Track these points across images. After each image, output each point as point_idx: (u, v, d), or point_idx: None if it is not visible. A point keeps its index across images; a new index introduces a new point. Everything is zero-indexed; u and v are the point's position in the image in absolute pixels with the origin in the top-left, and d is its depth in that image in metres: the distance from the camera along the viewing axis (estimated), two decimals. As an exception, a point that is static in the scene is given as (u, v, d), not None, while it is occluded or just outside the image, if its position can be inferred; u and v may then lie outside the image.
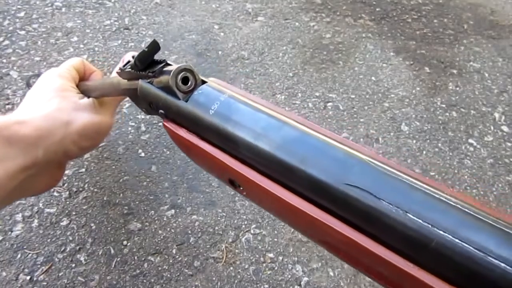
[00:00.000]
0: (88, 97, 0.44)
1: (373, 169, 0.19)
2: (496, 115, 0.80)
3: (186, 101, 0.26)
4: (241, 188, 0.26)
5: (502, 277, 0.14)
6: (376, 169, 0.19)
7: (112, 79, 0.39)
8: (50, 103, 0.40)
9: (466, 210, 0.17)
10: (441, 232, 0.16)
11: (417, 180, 0.19)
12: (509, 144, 0.75)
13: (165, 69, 0.29)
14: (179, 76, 0.27)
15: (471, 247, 0.15)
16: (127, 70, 0.32)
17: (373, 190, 0.18)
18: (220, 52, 0.82)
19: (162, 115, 0.29)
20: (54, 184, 0.46)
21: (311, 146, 0.21)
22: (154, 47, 0.30)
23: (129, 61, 0.32)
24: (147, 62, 0.30)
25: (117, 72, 0.35)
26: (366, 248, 0.18)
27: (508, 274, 0.14)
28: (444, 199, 0.17)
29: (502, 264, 0.14)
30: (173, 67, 0.28)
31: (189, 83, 0.28)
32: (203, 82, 0.29)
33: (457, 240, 0.15)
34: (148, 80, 0.30)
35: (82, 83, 0.46)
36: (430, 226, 0.16)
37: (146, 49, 0.29)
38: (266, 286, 0.49)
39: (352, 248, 0.19)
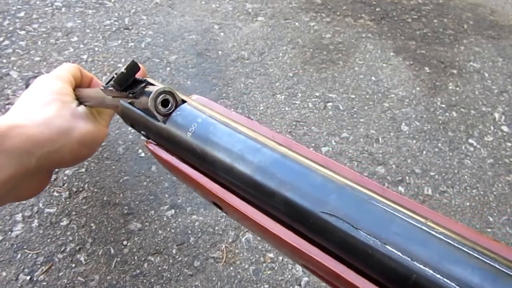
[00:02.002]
0: (84, 105, 0.42)
1: (353, 196, 0.18)
2: (496, 115, 0.80)
3: (164, 123, 0.26)
4: (224, 211, 0.26)
5: None
6: (355, 196, 0.18)
7: (100, 93, 0.39)
8: (49, 108, 0.37)
9: (450, 241, 0.16)
10: (421, 266, 0.15)
11: (400, 207, 0.18)
12: (509, 144, 0.75)
13: (146, 89, 0.28)
14: (159, 99, 0.26)
15: (453, 284, 0.14)
16: (109, 88, 0.31)
17: (350, 219, 0.17)
18: (220, 52, 0.82)
19: (144, 136, 0.29)
20: (41, 190, 0.43)
21: (289, 170, 0.20)
22: (133, 68, 0.28)
23: (113, 77, 0.32)
24: (127, 84, 0.29)
25: (100, 89, 0.34)
26: (345, 279, 0.17)
27: None
28: (427, 228, 0.16)
29: None
30: (154, 88, 0.27)
31: (169, 105, 0.26)
32: (184, 101, 0.27)
33: (438, 276, 0.15)
34: (129, 101, 0.29)
35: (77, 90, 0.45)
36: (409, 259, 0.15)
37: (125, 71, 0.28)
38: (266, 286, 0.49)
39: (332, 277, 0.18)
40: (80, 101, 0.43)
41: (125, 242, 0.51)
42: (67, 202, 0.54)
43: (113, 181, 0.57)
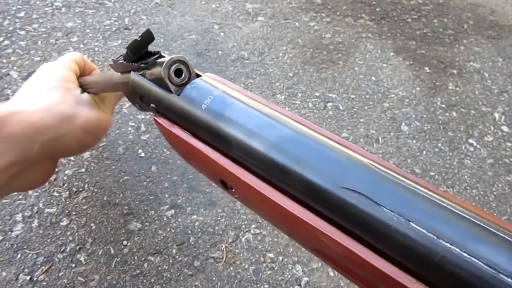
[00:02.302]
0: (87, 92, 0.42)
1: (374, 172, 0.18)
2: (496, 115, 0.80)
3: (178, 95, 0.25)
4: (233, 190, 0.25)
5: None
6: (377, 173, 0.18)
7: (107, 74, 0.38)
8: (52, 94, 0.36)
9: (475, 220, 0.15)
10: (447, 244, 0.14)
11: (421, 187, 0.17)
12: (509, 144, 0.75)
13: (158, 60, 0.27)
14: (172, 68, 0.25)
15: (480, 263, 0.14)
16: (119, 61, 0.30)
17: (373, 195, 0.17)
18: (220, 52, 0.82)
19: (153, 110, 0.28)
20: (46, 180, 0.42)
21: (307, 146, 0.20)
22: (147, 36, 0.27)
23: (119, 56, 0.31)
24: (140, 53, 0.28)
25: (109, 65, 0.34)
26: (364, 260, 0.16)
27: None
28: (451, 208, 0.16)
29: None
30: (165, 58, 0.26)
31: (183, 75, 0.26)
32: (198, 75, 0.27)
33: (465, 255, 0.14)
34: (140, 72, 0.28)
35: (80, 78, 0.45)
36: (435, 237, 0.15)
37: (139, 38, 0.27)
38: (266, 286, 0.49)
39: (348, 258, 0.17)
40: (83, 88, 0.42)
41: (125, 242, 0.51)
42: (67, 202, 0.54)
43: (113, 181, 0.57)
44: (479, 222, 0.15)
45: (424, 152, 0.70)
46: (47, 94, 0.36)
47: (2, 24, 0.79)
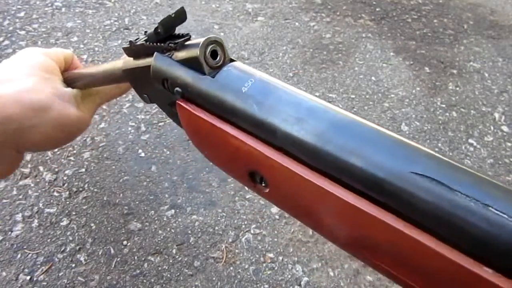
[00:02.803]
0: (72, 87, 0.38)
1: (441, 159, 0.16)
2: (496, 115, 0.80)
3: (213, 77, 0.23)
4: (263, 185, 0.23)
5: None
6: (444, 160, 0.16)
7: (105, 65, 0.36)
8: (28, 80, 0.32)
9: None
10: None
11: (481, 173, 0.16)
12: (509, 144, 0.75)
13: (188, 43, 0.26)
14: (209, 48, 0.24)
15: None
16: (139, 43, 0.27)
17: (445, 180, 0.15)
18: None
19: (177, 94, 0.25)
20: (9, 172, 0.38)
21: (363, 131, 0.18)
22: (181, 14, 0.26)
23: (138, 38, 0.28)
24: (170, 32, 0.26)
25: (124, 48, 0.31)
26: (437, 252, 0.15)
27: None
28: None
29: None
30: (199, 39, 0.24)
31: (218, 57, 0.24)
32: (232, 60, 0.25)
33: None
34: (166, 54, 0.26)
35: (67, 72, 0.40)
36: None
37: (173, 15, 0.25)
38: (266, 286, 0.49)
39: (417, 254, 0.16)
40: (68, 83, 0.39)
41: (125, 242, 0.51)
42: (67, 202, 0.54)
43: (113, 181, 0.57)
44: None
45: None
46: (21, 79, 0.32)
47: (2, 24, 0.79)
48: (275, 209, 0.57)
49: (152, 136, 0.64)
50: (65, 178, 0.57)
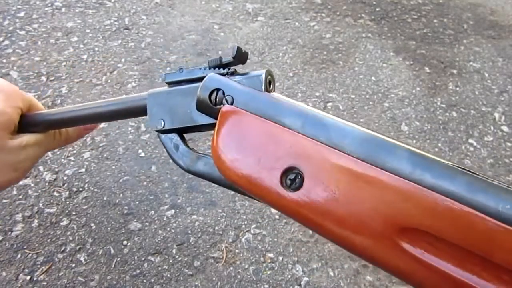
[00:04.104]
0: (29, 131, 0.37)
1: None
2: (496, 115, 0.81)
3: (269, 93, 0.29)
4: (294, 185, 0.24)
5: None
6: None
7: (112, 99, 0.37)
8: None
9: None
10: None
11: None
12: (509, 144, 0.75)
13: (242, 73, 0.32)
14: (269, 77, 0.30)
15: None
16: (192, 68, 0.34)
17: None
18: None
19: (226, 102, 0.29)
20: None
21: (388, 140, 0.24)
22: (244, 57, 0.33)
23: (181, 67, 0.35)
24: (239, 62, 0.32)
25: (166, 74, 0.34)
26: (483, 218, 0.18)
27: None
28: None
29: None
30: (259, 70, 0.31)
31: (271, 86, 0.30)
32: None
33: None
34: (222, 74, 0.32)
35: (30, 114, 0.39)
36: None
37: (243, 52, 0.32)
38: (266, 286, 0.49)
39: (463, 224, 0.19)
40: (26, 128, 0.37)
41: (125, 242, 0.51)
42: (67, 202, 0.54)
43: (113, 181, 0.57)
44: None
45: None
46: None
47: (2, 24, 0.79)
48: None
49: (152, 136, 0.64)
50: (65, 178, 0.57)
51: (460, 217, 0.18)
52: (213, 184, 0.59)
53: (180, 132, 0.34)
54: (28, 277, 0.47)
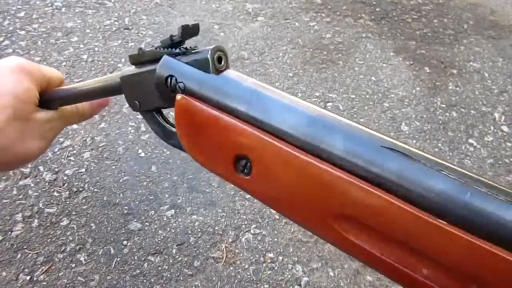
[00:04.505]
0: (49, 107, 0.40)
1: (400, 143, 0.22)
2: (496, 115, 0.80)
3: (218, 75, 0.28)
4: (245, 172, 0.26)
5: None
6: (402, 145, 0.22)
7: (97, 79, 0.38)
8: None
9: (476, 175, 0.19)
10: (474, 186, 0.18)
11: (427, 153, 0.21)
12: (509, 144, 0.75)
13: (196, 50, 0.31)
14: (217, 54, 0.29)
15: (502, 198, 0.17)
16: (149, 49, 0.33)
17: (408, 153, 0.20)
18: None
19: (179, 89, 0.30)
20: None
21: (345, 121, 0.23)
22: (196, 29, 0.32)
23: (140, 48, 0.34)
24: (184, 40, 0.32)
25: (130, 56, 0.34)
26: (399, 208, 0.19)
27: None
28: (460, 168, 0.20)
29: None
30: (208, 47, 0.30)
31: (222, 62, 0.30)
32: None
33: (489, 193, 0.17)
34: (175, 57, 0.32)
35: (48, 92, 0.42)
36: (463, 181, 0.18)
37: (191, 26, 0.31)
38: (266, 286, 0.49)
39: (385, 212, 0.19)
40: (47, 103, 0.39)
41: (125, 242, 0.51)
42: (67, 202, 0.54)
43: (113, 181, 0.57)
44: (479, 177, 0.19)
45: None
46: None
47: (2, 24, 0.79)
48: (275, 209, 0.57)
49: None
50: (65, 178, 0.57)
51: (382, 208, 0.20)
52: (213, 184, 0.59)
53: (157, 109, 0.35)
54: (28, 277, 0.47)
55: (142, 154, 0.61)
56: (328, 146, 0.22)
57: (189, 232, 0.53)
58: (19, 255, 0.49)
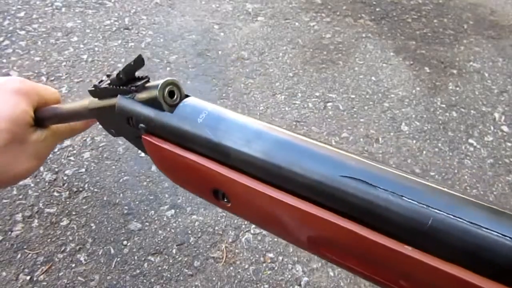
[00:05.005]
0: (42, 126, 0.39)
1: (363, 162, 0.21)
2: (496, 115, 0.80)
3: (172, 113, 0.27)
4: (225, 201, 0.26)
5: (496, 246, 0.16)
6: (365, 162, 0.21)
7: (75, 103, 0.38)
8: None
9: (454, 192, 0.19)
10: (436, 211, 0.18)
11: (402, 172, 0.21)
12: (509, 144, 0.75)
13: (148, 84, 0.30)
14: (167, 89, 0.28)
15: (465, 222, 0.17)
16: (103, 86, 0.32)
17: (368, 179, 0.20)
18: (220, 52, 0.82)
19: (142, 130, 0.29)
20: None
21: (302, 147, 0.23)
22: (140, 62, 0.30)
23: (102, 80, 0.33)
24: (131, 77, 0.30)
25: (89, 90, 0.34)
26: (367, 238, 0.19)
27: (502, 243, 0.16)
28: (431, 183, 0.19)
29: (494, 234, 0.16)
30: (158, 81, 0.29)
31: (175, 96, 0.28)
32: (187, 96, 0.29)
33: (451, 216, 0.17)
34: (129, 96, 0.30)
35: (42, 109, 0.42)
36: (425, 206, 0.18)
37: (132, 63, 0.29)
38: (266, 286, 0.49)
39: (352, 241, 0.20)
40: (41, 121, 0.39)
41: (125, 242, 0.51)
42: (67, 202, 0.54)
43: (113, 181, 0.57)
44: (458, 193, 0.19)
45: (424, 152, 0.70)
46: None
47: (2, 24, 0.79)
48: (275, 209, 0.57)
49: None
50: (65, 178, 0.57)
51: (348, 236, 0.20)
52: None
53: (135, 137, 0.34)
54: (28, 277, 0.47)
55: (142, 154, 0.61)
56: (289, 178, 0.22)
57: (189, 232, 0.53)
58: (19, 255, 0.49)
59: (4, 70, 0.70)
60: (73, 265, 0.48)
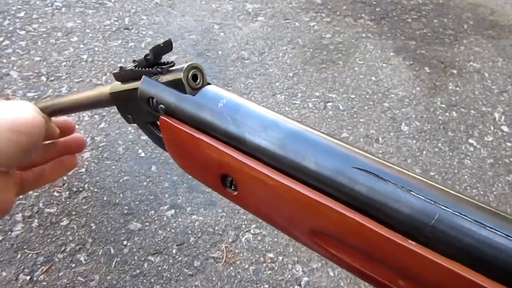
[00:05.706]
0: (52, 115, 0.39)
1: (373, 158, 0.22)
2: (496, 115, 0.81)
3: (194, 96, 0.28)
4: (232, 188, 0.27)
5: (499, 245, 0.16)
6: (375, 158, 0.22)
7: (90, 90, 0.39)
8: None
9: (458, 194, 0.19)
10: (442, 207, 0.18)
11: (408, 170, 0.22)
12: (509, 144, 0.75)
13: (172, 68, 0.31)
14: (191, 72, 0.28)
15: (469, 219, 0.17)
16: (129, 68, 0.32)
17: (379, 172, 0.20)
18: (220, 52, 0.82)
19: (162, 110, 0.30)
20: None
21: (317, 138, 0.23)
22: (168, 45, 0.31)
23: (121, 66, 0.34)
24: (158, 59, 0.31)
25: (114, 73, 0.35)
26: (371, 230, 0.19)
27: (505, 242, 0.16)
28: (435, 183, 0.20)
29: (498, 233, 0.16)
30: (183, 65, 0.30)
31: (198, 80, 0.29)
32: (209, 83, 0.30)
33: (457, 214, 0.17)
34: (153, 77, 0.31)
35: (41, 106, 0.42)
36: (432, 202, 0.18)
37: (162, 45, 0.31)
38: (266, 286, 0.49)
39: (358, 233, 0.20)
40: (50, 114, 0.41)
41: (125, 242, 0.51)
42: (67, 202, 0.54)
43: (113, 181, 0.57)
44: (456, 192, 0.19)
45: (424, 152, 0.70)
46: None
47: (2, 24, 0.79)
48: (275, 209, 0.57)
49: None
50: (65, 178, 0.57)
51: (354, 228, 0.20)
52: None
53: (150, 123, 0.35)
54: (28, 277, 0.47)
55: (142, 154, 0.61)
56: (301, 168, 0.22)
57: (189, 232, 0.53)
58: (19, 255, 0.49)
59: (4, 70, 0.70)
60: (73, 265, 0.48)
